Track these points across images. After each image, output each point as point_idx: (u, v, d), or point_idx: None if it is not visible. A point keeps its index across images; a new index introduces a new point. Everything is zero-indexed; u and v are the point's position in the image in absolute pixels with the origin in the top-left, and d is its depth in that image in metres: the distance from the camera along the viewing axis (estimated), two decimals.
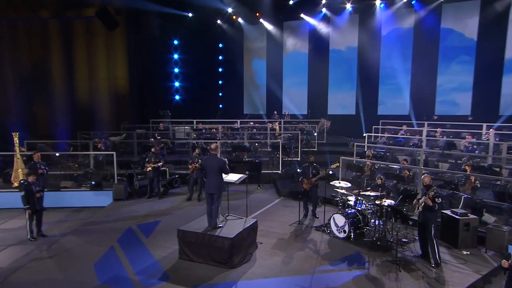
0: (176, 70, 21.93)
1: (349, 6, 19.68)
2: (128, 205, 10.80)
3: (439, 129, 15.45)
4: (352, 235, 7.99)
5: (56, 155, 12.71)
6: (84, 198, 10.81)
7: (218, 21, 21.84)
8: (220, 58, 23.62)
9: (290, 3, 20.03)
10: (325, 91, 21.25)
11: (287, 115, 20.06)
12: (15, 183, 10.37)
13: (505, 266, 4.88)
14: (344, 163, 11.08)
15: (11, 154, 11.33)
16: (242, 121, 19.01)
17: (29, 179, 8.19)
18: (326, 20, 20.77)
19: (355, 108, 20.48)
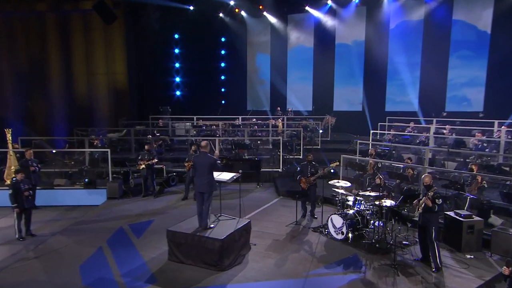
0: (176, 65, 21.48)
1: None
2: (122, 204, 10.62)
3: (448, 126, 14.93)
4: (350, 237, 7.70)
5: (52, 152, 12.57)
6: (77, 197, 10.65)
7: (220, 14, 21.40)
8: (223, 52, 23.18)
9: None
10: (330, 86, 20.75)
11: (290, 111, 19.66)
12: (8, 181, 10.25)
13: (505, 274, 4.65)
14: (345, 162, 10.72)
15: (4, 151, 11.18)
16: (244, 117, 18.66)
17: (17, 176, 8.02)
18: (332, 12, 20.18)
19: (361, 104, 19.96)
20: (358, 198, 8.19)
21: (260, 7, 20.64)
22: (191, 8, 20.11)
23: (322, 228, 8.39)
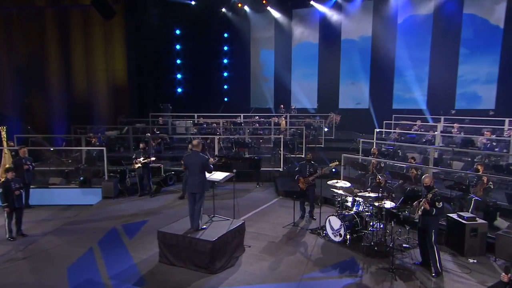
0: (178, 61, 21.16)
1: None
2: (117, 203, 10.44)
3: (457, 124, 14.42)
4: (348, 239, 7.42)
5: (50, 150, 12.47)
6: (72, 196, 10.50)
7: (223, 9, 21.15)
8: (225, 48, 22.94)
9: None
10: (336, 83, 20.37)
11: (293, 109, 19.32)
12: (2, 179, 10.16)
13: (504, 281, 4.44)
14: (346, 161, 10.40)
15: None
16: (246, 115, 18.40)
17: (8, 175, 7.90)
18: (337, 7, 19.83)
19: (368, 101, 19.52)
20: (357, 199, 7.89)
21: (264, 1, 20.38)
22: (193, 3, 19.89)
23: (320, 229, 8.13)
